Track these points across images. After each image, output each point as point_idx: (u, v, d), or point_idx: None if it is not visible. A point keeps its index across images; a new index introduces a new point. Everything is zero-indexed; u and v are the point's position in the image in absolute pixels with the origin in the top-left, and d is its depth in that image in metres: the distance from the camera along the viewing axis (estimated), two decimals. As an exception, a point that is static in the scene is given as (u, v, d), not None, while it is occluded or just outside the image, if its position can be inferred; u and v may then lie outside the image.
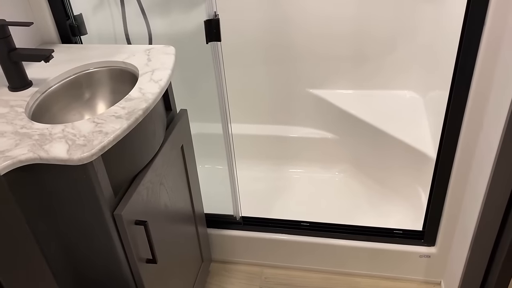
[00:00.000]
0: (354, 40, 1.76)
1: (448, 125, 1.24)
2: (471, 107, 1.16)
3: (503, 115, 1.01)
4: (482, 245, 1.20)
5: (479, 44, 1.07)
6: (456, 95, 1.17)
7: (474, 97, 1.14)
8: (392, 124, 1.70)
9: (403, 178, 1.71)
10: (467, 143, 1.22)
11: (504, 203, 1.10)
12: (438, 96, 1.56)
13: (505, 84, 1.00)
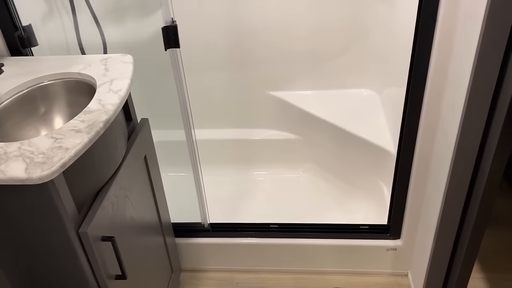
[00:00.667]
0: (310, 41, 1.78)
1: (406, 121, 1.28)
2: (427, 102, 1.20)
3: (459, 108, 1.05)
4: (445, 235, 1.25)
5: (432, 40, 1.11)
6: (413, 90, 1.21)
7: (430, 91, 1.18)
8: (352, 122, 1.74)
9: (365, 174, 1.75)
10: (426, 138, 1.27)
11: (463, 194, 1.15)
12: (394, 92, 1.60)
13: (459, 79, 1.05)
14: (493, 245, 1.62)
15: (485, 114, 1.02)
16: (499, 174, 1.05)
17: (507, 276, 1.51)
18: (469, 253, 1.19)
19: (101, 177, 0.96)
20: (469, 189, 1.14)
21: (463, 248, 1.19)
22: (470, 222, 1.14)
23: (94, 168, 0.93)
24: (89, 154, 0.89)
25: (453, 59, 1.09)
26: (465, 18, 0.99)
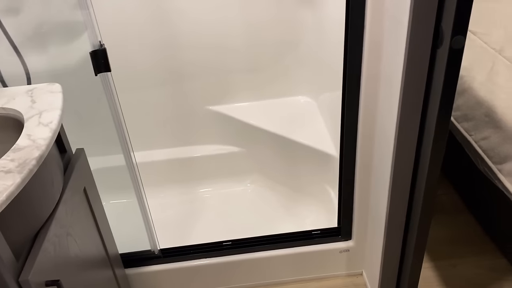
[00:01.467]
0: (244, 53, 1.78)
1: (345, 123, 1.31)
2: (364, 103, 1.24)
3: (395, 106, 1.09)
4: (393, 231, 1.29)
5: (362, 43, 1.15)
6: (349, 93, 1.25)
7: (366, 93, 1.22)
8: (292, 129, 1.76)
9: (311, 180, 1.77)
10: (366, 138, 1.31)
11: (407, 189, 1.20)
12: (330, 97, 1.64)
13: (391, 78, 1.09)
14: (435, 234, 1.70)
15: (419, 109, 1.07)
16: (437, 167, 1.10)
17: (452, 262, 1.59)
18: (418, 246, 1.24)
19: (39, 218, 0.89)
20: (412, 184, 1.18)
21: (412, 242, 1.23)
22: (416, 216, 1.19)
23: (30, 209, 0.86)
24: (23, 195, 0.82)
25: (384, 60, 1.13)
26: (391, 21, 1.04)
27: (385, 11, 1.06)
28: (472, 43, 1.59)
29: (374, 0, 1.06)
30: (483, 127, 1.31)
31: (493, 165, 1.25)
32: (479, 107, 1.33)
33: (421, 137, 1.12)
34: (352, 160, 1.39)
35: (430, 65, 1.00)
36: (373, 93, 1.22)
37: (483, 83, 1.37)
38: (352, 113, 1.29)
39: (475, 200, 1.68)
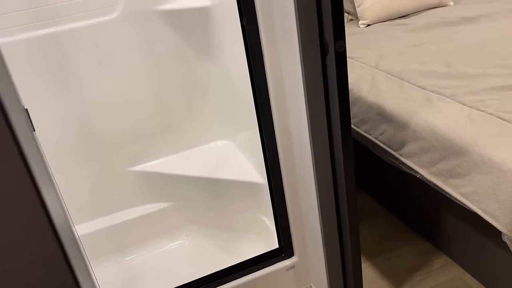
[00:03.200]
0: (157, 109, 1.88)
1: (268, 153, 1.43)
2: (278, 124, 1.38)
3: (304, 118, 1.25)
4: (330, 241, 1.40)
5: (265, 75, 1.31)
6: (265, 128, 1.38)
7: (278, 119, 1.36)
8: (217, 170, 1.85)
9: (245, 214, 1.85)
10: (287, 163, 1.44)
11: (332, 199, 1.33)
12: (246, 134, 1.78)
13: (297, 93, 1.25)
14: (366, 236, 1.85)
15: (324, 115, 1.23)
16: (352, 177, 1.25)
17: (386, 256, 1.73)
18: (354, 249, 1.35)
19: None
20: (335, 195, 1.32)
21: (348, 247, 1.35)
22: (345, 223, 1.31)
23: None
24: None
25: (286, 80, 1.30)
26: (284, 43, 1.22)
27: (277, 36, 1.24)
28: (353, 65, 1.87)
29: (265, 29, 1.24)
30: (378, 125, 1.52)
31: (395, 152, 1.45)
32: (371, 110, 1.56)
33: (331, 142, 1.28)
34: (280, 183, 1.50)
35: (323, 72, 1.18)
36: (284, 114, 1.37)
37: (369, 91, 1.61)
38: (271, 144, 1.42)
39: (391, 200, 1.88)
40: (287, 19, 1.17)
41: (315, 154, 1.28)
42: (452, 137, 1.26)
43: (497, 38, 1.88)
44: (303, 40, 1.14)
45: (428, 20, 2.22)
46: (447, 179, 1.27)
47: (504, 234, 1.14)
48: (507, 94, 1.39)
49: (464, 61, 1.68)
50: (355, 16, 2.47)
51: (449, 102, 1.41)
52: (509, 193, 1.10)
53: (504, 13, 2.15)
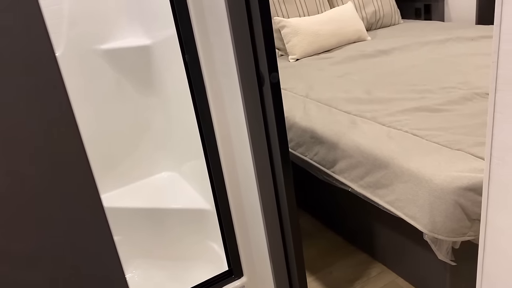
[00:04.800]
0: (102, 146, 1.92)
1: (214, 179, 1.53)
2: (224, 161, 1.48)
3: (247, 145, 1.37)
4: (277, 259, 1.51)
5: (208, 102, 1.42)
6: (211, 156, 1.49)
7: (223, 153, 1.47)
8: (164, 200, 1.91)
9: (193, 241, 1.91)
10: (233, 187, 1.53)
11: (276, 219, 1.44)
12: (191, 165, 1.87)
13: (238, 121, 1.37)
14: (309, 253, 1.97)
15: (264, 140, 1.36)
16: (293, 197, 1.38)
17: (328, 270, 1.86)
18: (299, 266, 1.46)
19: None
20: (279, 215, 1.44)
21: (294, 264, 1.46)
22: (289, 242, 1.43)
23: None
24: None
25: (228, 111, 1.42)
26: (224, 76, 1.35)
27: (217, 70, 1.37)
28: (286, 95, 2.04)
29: (207, 64, 1.36)
30: (312, 147, 1.68)
31: (328, 170, 1.61)
32: (305, 134, 1.72)
33: (272, 165, 1.41)
34: (227, 207, 1.60)
35: (261, 101, 1.32)
36: (228, 142, 1.48)
37: (302, 117, 1.78)
38: (217, 172, 1.52)
39: (328, 217, 2.03)
40: (226, 54, 1.30)
41: (259, 177, 1.40)
42: (375, 153, 1.44)
43: (409, 67, 2.15)
44: (242, 73, 1.28)
45: (350, 53, 2.48)
46: (374, 190, 1.44)
47: (424, 234, 1.31)
48: (418, 115, 1.60)
49: (382, 88, 1.91)
50: (285, 51, 2.68)
51: (371, 123, 1.60)
52: (426, 198, 1.28)
53: (414, 46, 2.46)
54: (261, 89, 1.29)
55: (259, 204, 1.44)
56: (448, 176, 1.24)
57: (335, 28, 2.60)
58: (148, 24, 1.77)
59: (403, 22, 3.00)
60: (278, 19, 2.60)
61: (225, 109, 1.42)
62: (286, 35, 2.57)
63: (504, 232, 0.73)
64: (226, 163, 1.48)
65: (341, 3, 2.84)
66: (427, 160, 1.32)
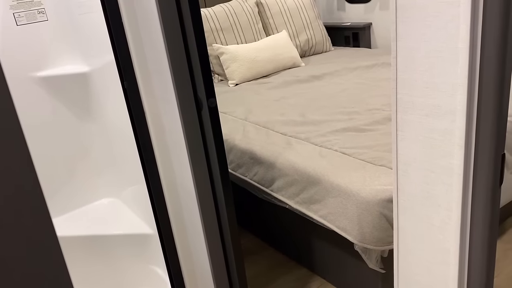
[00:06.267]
0: (39, 174, 1.88)
1: (156, 204, 1.56)
2: (166, 185, 1.52)
3: (188, 171, 1.42)
4: (220, 279, 1.55)
5: (148, 128, 1.47)
6: (152, 180, 1.52)
7: (164, 176, 1.51)
8: (105, 227, 1.89)
9: (137, 268, 1.90)
10: (175, 210, 1.57)
11: (219, 243, 1.49)
12: (132, 190, 1.88)
13: (178, 145, 1.43)
14: (252, 272, 2.03)
15: (205, 162, 1.42)
16: (233, 217, 1.44)
17: (270, 286, 1.92)
18: (242, 285, 1.51)
19: None
20: (221, 235, 1.49)
21: (237, 284, 1.51)
22: (232, 262, 1.48)
23: None
24: None
25: (168, 135, 1.47)
26: (163, 102, 1.40)
27: (157, 96, 1.42)
28: (226, 118, 2.12)
29: (146, 90, 1.41)
30: (251, 167, 1.76)
31: (266, 189, 1.69)
32: (245, 155, 1.80)
33: (213, 186, 1.47)
34: (169, 231, 1.63)
35: (200, 125, 1.38)
36: (169, 166, 1.53)
37: (242, 139, 1.86)
38: (159, 196, 1.55)
39: (270, 235, 2.11)
40: (165, 81, 1.36)
41: (200, 199, 1.45)
42: (308, 171, 1.54)
43: (339, 91, 2.31)
44: (180, 99, 1.34)
45: (286, 78, 2.62)
46: (308, 206, 1.54)
47: (355, 244, 1.42)
48: (347, 134, 1.74)
49: (315, 111, 2.04)
50: (224, 77, 2.78)
51: (304, 144, 1.72)
52: (354, 210, 1.39)
53: (343, 71, 2.64)
54: (200, 114, 1.36)
55: (201, 226, 1.49)
56: (372, 189, 1.36)
57: (271, 55, 2.74)
58: (87, 51, 1.80)
59: (334, 49, 3.22)
60: (217, 46, 2.70)
61: (165, 134, 1.47)
62: (225, 61, 2.67)
63: (411, 235, 0.83)
64: (167, 187, 1.52)
65: (276, 32, 3.00)
66: (354, 176, 1.44)
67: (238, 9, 2.83)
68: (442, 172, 0.73)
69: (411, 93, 0.73)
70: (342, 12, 3.37)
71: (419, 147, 0.75)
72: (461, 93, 0.66)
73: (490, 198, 0.71)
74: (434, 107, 0.71)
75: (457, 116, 0.68)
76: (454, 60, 0.65)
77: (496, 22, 0.61)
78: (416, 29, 0.69)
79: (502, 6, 0.60)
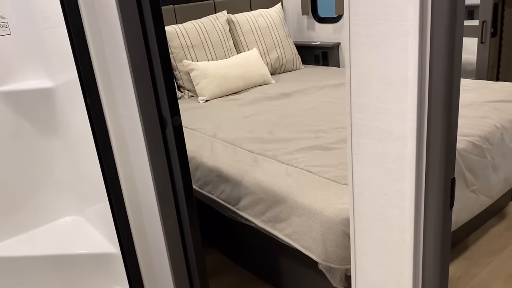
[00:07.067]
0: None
1: (118, 223, 1.53)
2: (129, 203, 1.50)
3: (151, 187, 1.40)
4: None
5: (110, 145, 1.44)
6: (115, 199, 1.49)
7: (127, 195, 1.48)
8: (68, 246, 1.84)
9: (100, 286, 1.85)
10: (138, 229, 1.55)
11: (182, 259, 1.47)
12: (96, 208, 1.84)
13: (142, 163, 1.41)
14: None
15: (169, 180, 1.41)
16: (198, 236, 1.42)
17: (238, 305, 1.90)
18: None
19: None
20: (185, 254, 1.47)
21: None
22: (196, 280, 1.46)
23: None
24: None
25: (132, 153, 1.45)
26: (127, 119, 1.39)
27: (121, 113, 1.40)
28: (194, 135, 2.11)
29: (109, 107, 1.39)
30: (218, 185, 1.75)
31: (233, 207, 1.68)
32: (211, 173, 1.79)
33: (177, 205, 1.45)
34: (132, 250, 1.59)
35: (164, 143, 1.37)
36: (132, 184, 1.50)
37: (209, 157, 1.85)
38: (119, 208, 1.52)
39: (237, 253, 2.09)
40: (128, 98, 1.34)
41: (163, 218, 1.43)
42: (274, 189, 1.55)
43: (308, 109, 2.34)
44: (144, 117, 1.33)
45: (256, 95, 2.63)
46: (274, 224, 1.54)
47: (319, 263, 1.43)
48: (313, 153, 1.76)
49: (283, 128, 2.06)
50: (194, 93, 2.77)
51: (271, 161, 1.72)
52: (318, 229, 1.40)
53: (311, 89, 2.68)
54: (164, 132, 1.34)
55: (164, 244, 1.46)
56: (336, 208, 1.38)
57: (242, 72, 2.76)
58: (51, 66, 1.76)
59: (304, 67, 3.26)
60: (187, 62, 2.69)
61: (128, 152, 1.45)
62: (196, 78, 2.67)
63: (368, 257, 0.84)
64: (130, 205, 1.50)
65: (247, 49, 3.02)
66: (318, 194, 1.45)
67: (209, 26, 2.85)
68: (395, 195, 0.75)
69: (365, 117, 0.75)
70: (312, 31, 3.43)
71: (374, 170, 0.77)
72: (411, 119, 0.68)
73: (441, 221, 0.73)
74: (386, 132, 0.72)
75: (408, 141, 0.69)
76: (404, 87, 0.67)
77: (443, 51, 0.63)
78: (369, 56, 0.71)
79: (448, 35, 0.62)
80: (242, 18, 3.04)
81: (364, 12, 0.67)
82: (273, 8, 3.19)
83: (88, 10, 1.34)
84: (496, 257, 2.02)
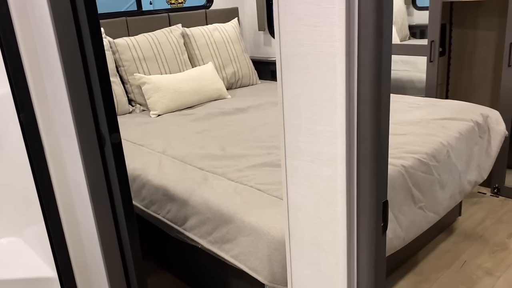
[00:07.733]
0: None
1: (55, 245, 1.44)
2: (66, 225, 1.41)
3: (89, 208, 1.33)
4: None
5: (46, 163, 1.36)
6: (51, 220, 1.40)
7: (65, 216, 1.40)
8: (2, 271, 1.71)
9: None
10: (77, 252, 1.46)
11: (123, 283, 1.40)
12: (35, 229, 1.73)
13: (79, 183, 1.33)
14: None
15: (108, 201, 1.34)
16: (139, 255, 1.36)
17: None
18: None
19: None
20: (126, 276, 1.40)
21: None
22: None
23: None
24: None
25: (69, 173, 1.38)
26: (63, 136, 1.31)
27: (57, 130, 1.33)
28: (142, 152, 2.04)
29: (45, 123, 1.32)
30: (165, 204, 1.69)
31: (179, 227, 1.62)
32: (158, 192, 1.72)
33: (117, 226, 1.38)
34: (70, 273, 1.50)
35: (103, 161, 1.30)
36: (69, 204, 1.42)
37: (156, 174, 1.79)
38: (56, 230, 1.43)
39: (188, 275, 2.02)
40: (64, 115, 1.27)
41: (102, 239, 1.36)
42: (221, 209, 1.50)
43: (262, 124, 2.32)
44: (81, 133, 1.26)
45: (210, 110, 2.59)
46: (221, 245, 1.49)
47: (266, 285, 1.39)
48: (264, 170, 1.73)
49: (235, 144, 2.02)
50: (146, 107, 2.70)
51: (221, 179, 1.68)
52: (265, 250, 1.36)
53: (267, 105, 2.67)
54: (103, 150, 1.28)
55: (103, 267, 1.39)
56: (282, 228, 1.35)
57: (197, 86, 2.72)
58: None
59: (260, 83, 3.26)
60: (139, 76, 2.63)
61: (66, 171, 1.37)
62: (147, 91, 2.60)
63: (303, 281, 0.81)
64: (68, 227, 1.41)
65: (202, 63, 2.98)
66: (265, 213, 1.42)
67: (162, 39, 2.80)
68: (328, 218, 0.72)
69: (298, 138, 0.72)
70: (269, 47, 3.44)
71: (307, 192, 0.74)
72: (340, 142, 0.66)
73: (373, 245, 0.71)
74: (318, 154, 0.70)
75: (338, 163, 0.67)
76: (333, 109, 0.65)
77: (369, 74, 0.61)
78: (299, 77, 0.68)
79: (374, 57, 0.61)
80: (197, 32, 3.00)
81: (292, 32, 0.65)
82: (229, 23, 3.18)
83: (22, 22, 1.26)
84: (444, 272, 2.05)
